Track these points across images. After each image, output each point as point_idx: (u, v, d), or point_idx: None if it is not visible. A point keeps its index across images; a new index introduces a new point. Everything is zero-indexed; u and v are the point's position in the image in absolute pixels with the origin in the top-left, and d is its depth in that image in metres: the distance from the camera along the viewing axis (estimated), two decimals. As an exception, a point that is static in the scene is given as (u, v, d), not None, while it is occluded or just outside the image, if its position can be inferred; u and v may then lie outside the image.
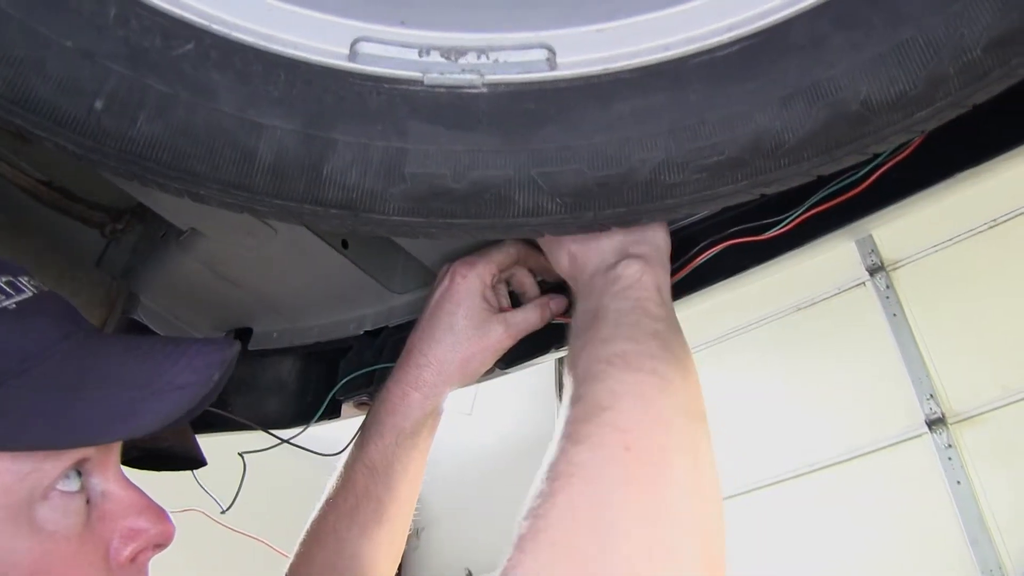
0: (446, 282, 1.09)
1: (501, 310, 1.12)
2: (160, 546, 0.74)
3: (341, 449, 1.20)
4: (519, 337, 1.10)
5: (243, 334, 1.49)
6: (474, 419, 4.86)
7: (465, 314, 1.07)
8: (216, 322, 1.49)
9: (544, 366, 4.50)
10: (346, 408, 1.34)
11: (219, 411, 1.38)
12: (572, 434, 0.76)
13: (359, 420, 1.19)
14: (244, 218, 1.15)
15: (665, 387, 0.80)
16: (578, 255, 0.96)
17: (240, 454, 1.31)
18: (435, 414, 1.13)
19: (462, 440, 4.93)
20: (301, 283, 1.36)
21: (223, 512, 1.33)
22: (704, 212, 1.06)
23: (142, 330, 1.41)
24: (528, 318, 1.10)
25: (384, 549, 1.08)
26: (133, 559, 0.71)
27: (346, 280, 1.30)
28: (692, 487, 0.74)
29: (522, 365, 1.19)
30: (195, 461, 1.28)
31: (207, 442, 1.22)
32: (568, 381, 0.85)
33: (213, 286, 1.36)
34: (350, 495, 1.07)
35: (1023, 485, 2.87)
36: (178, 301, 1.42)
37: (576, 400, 0.80)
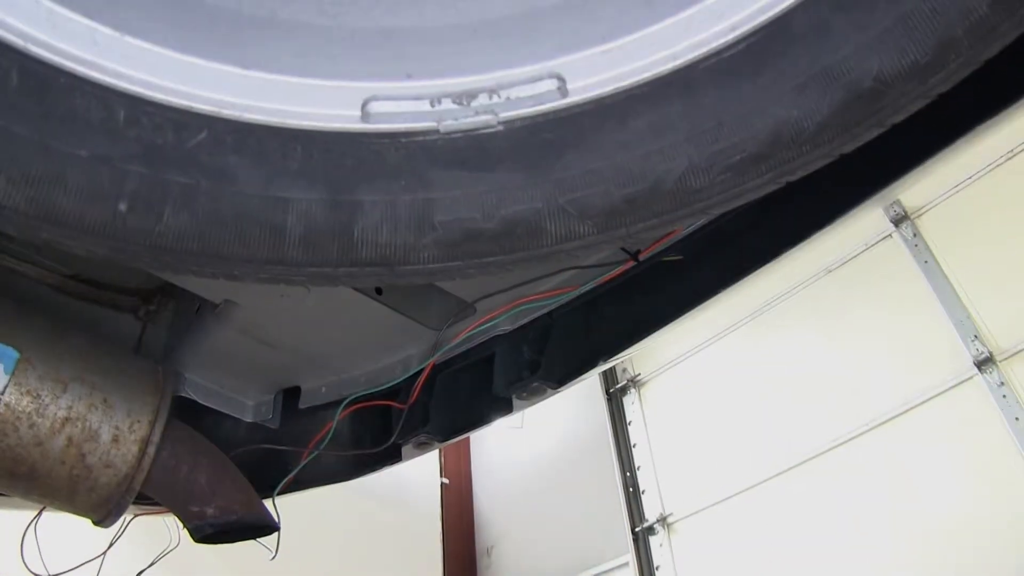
0: None
1: None
2: None
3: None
4: None
5: (292, 394, 1.50)
6: (526, 432, 4.85)
7: None
8: (263, 386, 1.50)
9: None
10: (406, 451, 1.35)
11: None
12: None
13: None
14: (276, 282, 1.16)
15: None
16: None
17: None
18: None
19: (517, 454, 4.93)
20: (340, 335, 1.37)
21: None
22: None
23: (191, 407, 1.43)
24: None
25: None
26: None
27: (385, 325, 1.30)
28: None
29: (573, 382, 1.18)
30: (267, 528, 1.30)
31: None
32: None
33: (254, 352, 1.37)
34: None
35: (1084, 414, 2.83)
36: (222, 372, 1.43)
37: None
